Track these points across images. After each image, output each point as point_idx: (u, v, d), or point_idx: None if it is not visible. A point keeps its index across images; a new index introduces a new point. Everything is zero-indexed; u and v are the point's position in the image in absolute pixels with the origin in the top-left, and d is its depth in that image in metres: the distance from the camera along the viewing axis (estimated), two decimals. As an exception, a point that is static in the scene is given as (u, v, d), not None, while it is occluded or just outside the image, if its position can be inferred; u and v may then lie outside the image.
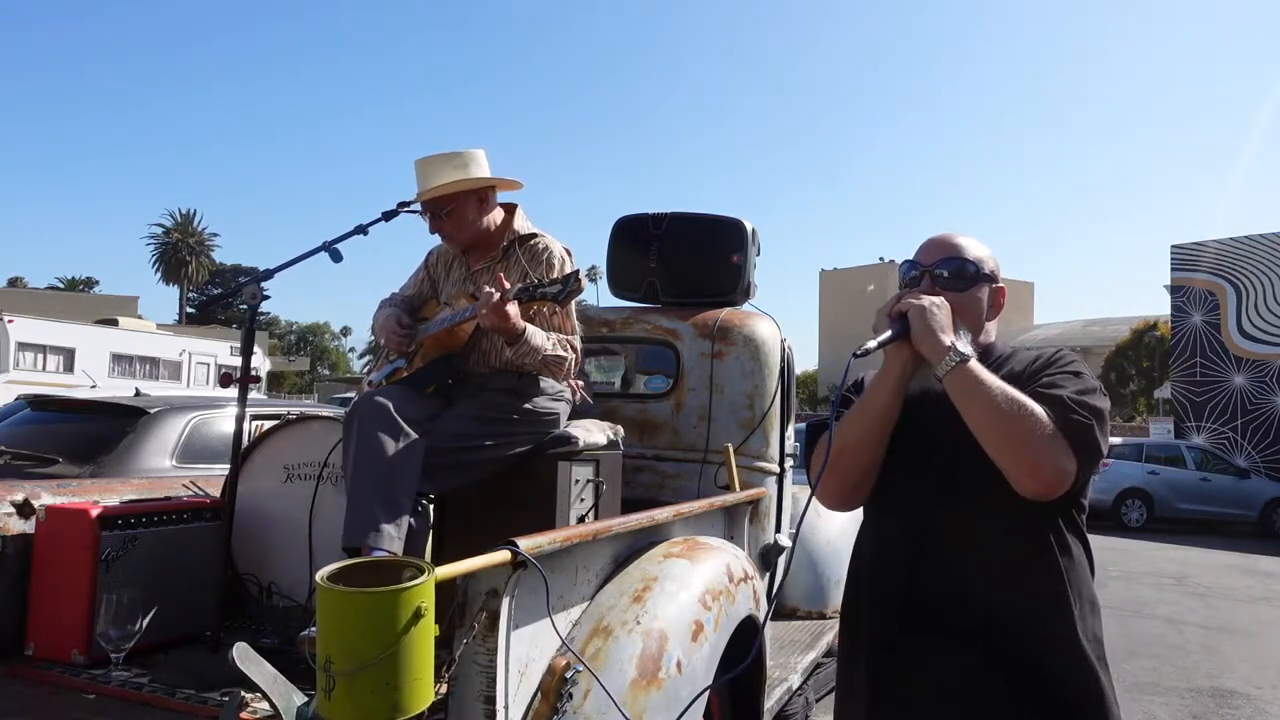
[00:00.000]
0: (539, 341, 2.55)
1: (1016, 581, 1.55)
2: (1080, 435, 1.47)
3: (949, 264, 1.67)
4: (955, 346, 1.52)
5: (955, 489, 1.58)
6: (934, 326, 1.54)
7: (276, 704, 1.46)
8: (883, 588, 1.67)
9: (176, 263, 60.70)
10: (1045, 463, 1.45)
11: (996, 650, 1.53)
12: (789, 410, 3.75)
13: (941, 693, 1.56)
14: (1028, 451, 1.45)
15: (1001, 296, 1.72)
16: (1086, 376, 1.59)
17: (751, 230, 3.78)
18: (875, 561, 1.70)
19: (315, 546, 2.62)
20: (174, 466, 4.09)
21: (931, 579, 1.59)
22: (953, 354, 1.51)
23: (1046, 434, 1.45)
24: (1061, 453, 1.45)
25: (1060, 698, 1.53)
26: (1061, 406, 1.48)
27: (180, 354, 18.28)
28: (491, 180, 2.78)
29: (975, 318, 1.68)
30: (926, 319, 1.54)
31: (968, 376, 1.50)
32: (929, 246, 1.72)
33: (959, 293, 1.66)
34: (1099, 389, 1.57)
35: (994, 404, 1.47)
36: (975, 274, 1.68)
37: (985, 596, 1.55)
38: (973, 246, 1.71)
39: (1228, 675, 5.87)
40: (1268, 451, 17.57)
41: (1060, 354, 1.66)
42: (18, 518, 2.38)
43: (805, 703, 3.67)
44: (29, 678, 2.17)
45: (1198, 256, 19.32)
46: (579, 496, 2.57)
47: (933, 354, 1.53)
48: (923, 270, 1.69)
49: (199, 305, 62.17)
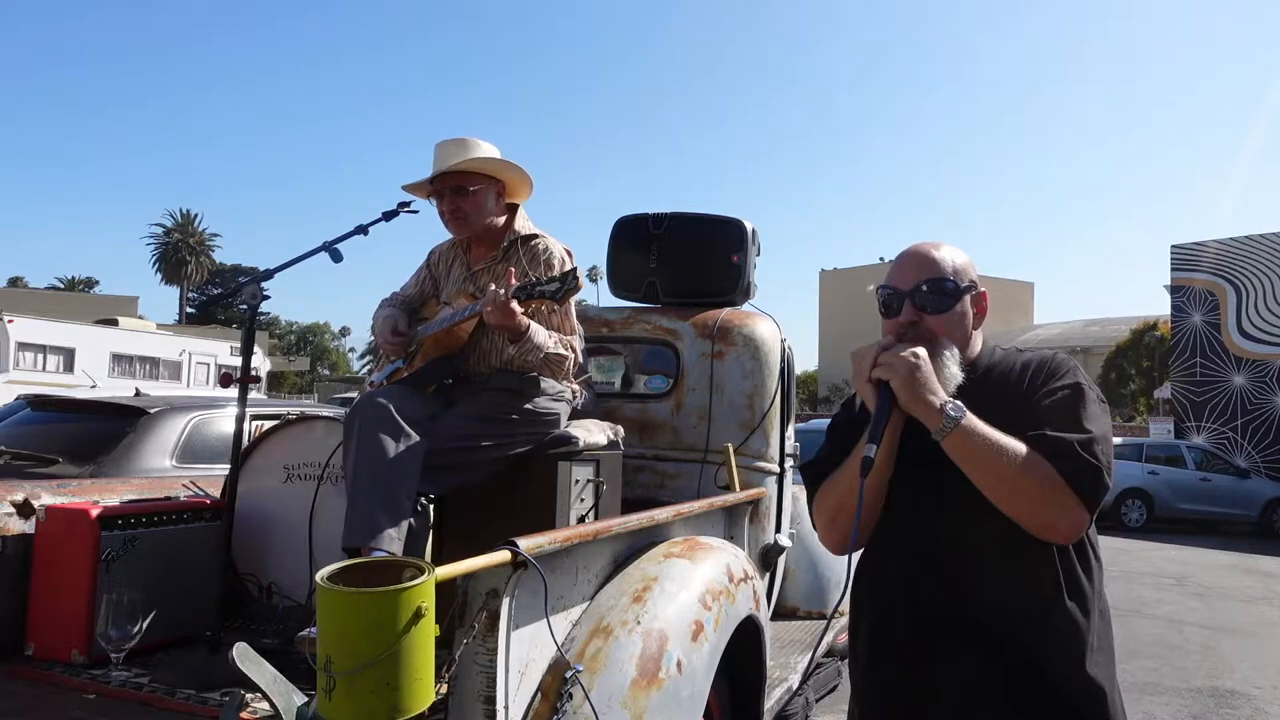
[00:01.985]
0: (541, 339, 2.55)
1: (1018, 581, 1.54)
2: (1090, 484, 1.44)
3: (927, 284, 1.61)
4: (946, 410, 1.45)
5: (955, 489, 1.56)
6: (921, 392, 1.47)
7: (276, 704, 1.46)
8: (884, 590, 1.66)
9: (176, 263, 60.67)
10: (1057, 521, 1.44)
11: (999, 650, 1.53)
12: (789, 410, 3.75)
13: (945, 695, 1.56)
14: (1040, 513, 1.44)
15: (984, 301, 1.67)
16: (1084, 389, 1.54)
17: (751, 230, 3.78)
18: (876, 563, 1.70)
19: (315, 547, 2.62)
20: (174, 466, 4.09)
21: (933, 581, 1.59)
22: (946, 420, 1.45)
23: (1056, 492, 1.42)
24: (1073, 507, 1.44)
25: (1064, 698, 1.52)
26: (1069, 457, 1.43)
27: (180, 354, 18.27)
28: (521, 174, 2.78)
29: (962, 334, 1.63)
30: (912, 386, 1.47)
31: (965, 439, 1.45)
32: (903, 266, 1.65)
33: (943, 314, 1.60)
34: (1097, 398, 1.54)
35: (997, 466, 1.44)
36: (956, 289, 1.62)
37: (987, 596, 1.55)
38: (948, 257, 1.63)
39: (1228, 675, 5.87)
40: (1268, 451, 17.57)
41: (1054, 363, 1.61)
42: (18, 518, 2.38)
43: (805, 703, 3.67)
44: (29, 678, 2.17)
45: (1198, 256, 19.32)
46: (579, 496, 2.57)
47: (925, 419, 1.48)
48: (901, 296, 1.62)
49: (199, 305, 62.23)
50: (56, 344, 16.18)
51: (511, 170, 2.76)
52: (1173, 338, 20.10)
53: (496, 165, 2.73)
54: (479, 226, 2.75)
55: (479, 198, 2.71)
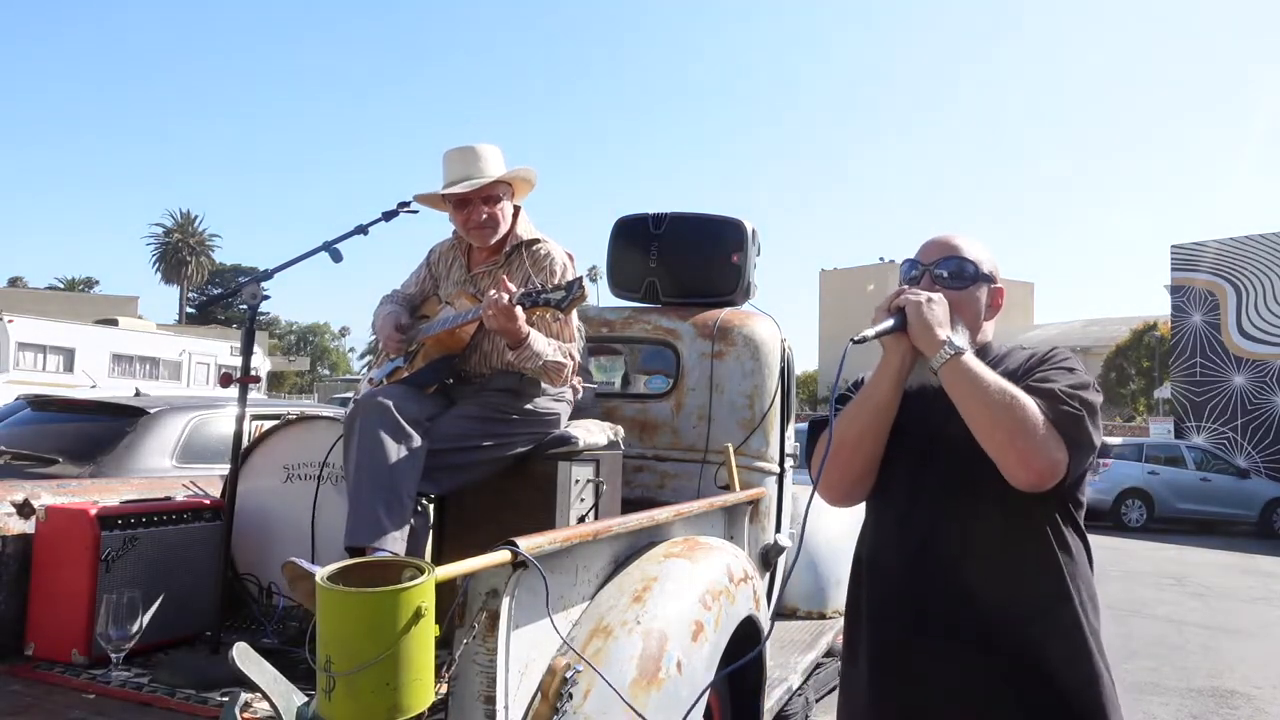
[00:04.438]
0: (541, 347, 2.54)
1: (1016, 579, 1.57)
2: (1071, 426, 1.50)
3: (948, 263, 1.70)
4: (950, 340, 1.56)
5: (954, 486, 1.60)
6: (930, 321, 1.57)
7: (276, 704, 1.46)
8: (882, 587, 1.68)
9: (177, 263, 60.70)
10: (1036, 453, 1.48)
11: (997, 648, 1.54)
12: (789, 410, 3.75)
13: (944, 693, 1.57)
14: (1019, 441, 1.48)
15: (1000, 297, 1.76)
16: (1080, 372, 1.62)
17: (751, 230, 3.78)
18: (875, 561, 1.72)
19: (315, 546, 2.62)
20: (174, 466, 4.09)
21: (931, 578, 1.60)
22: (948, 347, 1.55)
23: (1038, 425, 1.48)
24: (1053, 443, 1.48)
25: (1062, 695, 1.53)
26: (1053, 398, 1.51)
27: (180, 354, 18.28)
28: (533, 178, 2.83)
29: (973, 316, 1.71)
30: (923, 313, 1.58)
31: (962, 369, 1.53)
32: (929, 246, 1.75)
33: (958, 291, 1.69)
34: (1092, 384, 1.60)
35: (987, 395, 1.50)
36: (974, 274, 1.71)
37: (985, 594, 1.56)
38: (972, 247, 1.74)
39: (1228, 675, 5.87)
40: (1268, 451, 17.58)
41: (1054, 351, 1.69)
42: (18, 518, 2.38)
43: (805, 703, 3.67)
44: (29, 678, 2.17)
45: (1198, 256, 19.32)
46: (579, 496, 2.57)
47: (928, 347, 1.57)
48: (923, 269, 1.72)
49: (199, 305, 62.26)
50: (56, 344, 16.19)
51: (526, 173, 2.81)
52: (1173, 338, 20.11)
53: (524, 171, 2.79)
54: (499, 232, 2.77)
55: (504, 206, 2.75)
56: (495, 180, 2.70)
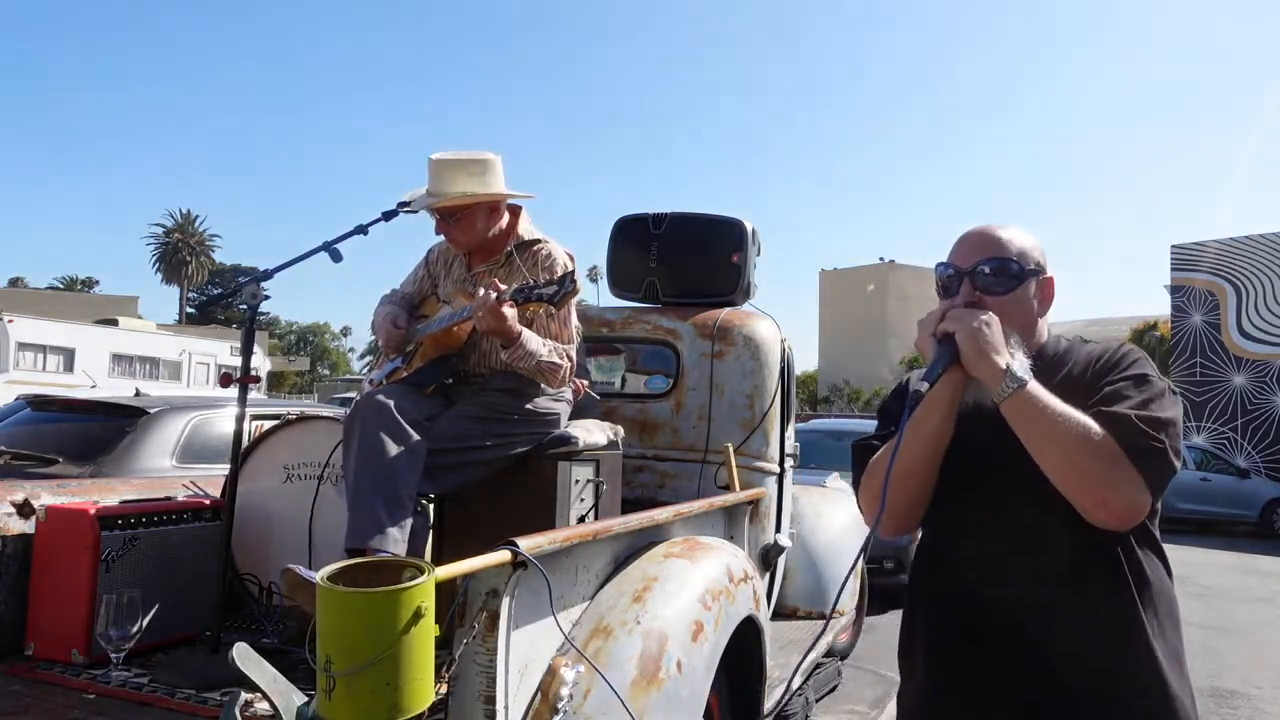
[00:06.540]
0: (534, 346, 2.54)
1: (1084, 605, 1.44)
2: (1152, 464, 1.34)
3: (989, 264, 1.50)
4: (1011, 369, 1.37)
5: (1015, 506, 1.46)
6: (986, 349, 1.39)
7: (276, 704, 1.46)
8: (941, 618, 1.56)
9: (177, 263, 60.65)
10: (1115, 498, 1.34)
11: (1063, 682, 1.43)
12: (789, 410, 3.75)
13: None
14: (1097, 486, 1.33)
15: (1050, 287, 1.57)
16: (1154, 380, 1.44)
17: (751, 230, 3.78)
18: (933, 588, 1.59)
19: (315, 546, 2.62)
20: (174, 466, 4.09)
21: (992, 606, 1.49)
22: (1009, 379, 1.37)
23: (1115, 465, 1.32)
24: (1133, 485, 1.33)
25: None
26: (1131, 432, 1.34)
27: (180, 354, 18.27)
28: (505, 195, 2.75)
29: (1025, 319, 1.52)
30: (978, 341, 1.39)
31: (1027, 403, 1.36)
32: (966, 244, 1.54)
33: (1003, 295, 1.50)
34: (1167, 390, 1.43)
35: (1057, 433, 1.35)
36: (1020, 271, 1.51)
37: (1051, 623, 1.45)
38: (1015, 238, 1.53)
39: (1228, 675, 5.87)
40: (1268, 451, 17.57)
41: (1124, 353, 1.51)
42: (18, 518, 2.38)
43: (805, 703, 3.68)
44: (29, 678, 2.17)
45: (1198, 256, 19.31)
46: (579, 496, 2.57)
47: (988, 379, 1.39)
48: (960, 274, 1.52)
49: (199, 305, 62.21)
50: (56, 344, 16.18)
51: (492, 196, 2.70)
52: (1173, 338, 20.09)
53: (479, 199, 2.67)
54: (474, 243, 2.78)
55: (467, 222, 2.71)
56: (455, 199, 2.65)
